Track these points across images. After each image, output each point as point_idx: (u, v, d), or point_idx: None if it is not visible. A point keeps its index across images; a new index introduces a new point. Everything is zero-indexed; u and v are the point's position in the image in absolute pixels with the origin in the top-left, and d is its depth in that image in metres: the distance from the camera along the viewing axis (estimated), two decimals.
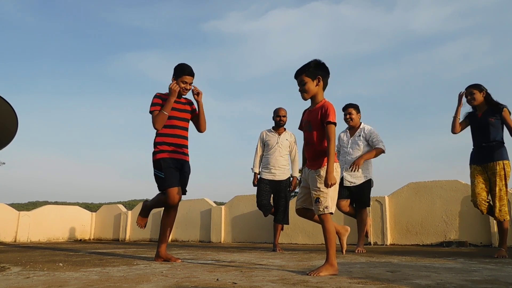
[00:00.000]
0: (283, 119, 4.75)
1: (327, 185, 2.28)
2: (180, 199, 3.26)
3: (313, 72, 2.44)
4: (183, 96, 3.41)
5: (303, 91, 2.47)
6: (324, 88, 2.51)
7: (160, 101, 3.27)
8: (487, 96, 3.62)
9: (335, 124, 2.37)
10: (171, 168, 3.23)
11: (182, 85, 3.28)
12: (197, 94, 3.35)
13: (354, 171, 4.10)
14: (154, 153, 3.29)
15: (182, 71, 3.29)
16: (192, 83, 3.34)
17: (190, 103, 3.45)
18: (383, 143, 4.21)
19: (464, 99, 3.73)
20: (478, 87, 3.65)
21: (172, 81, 3.30)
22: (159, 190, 3.33)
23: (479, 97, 3.62)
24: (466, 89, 3.70)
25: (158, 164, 3.26)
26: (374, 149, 4.19)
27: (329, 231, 2.31)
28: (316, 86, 2.45)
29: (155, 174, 3.31)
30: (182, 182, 3.35)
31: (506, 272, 2.29)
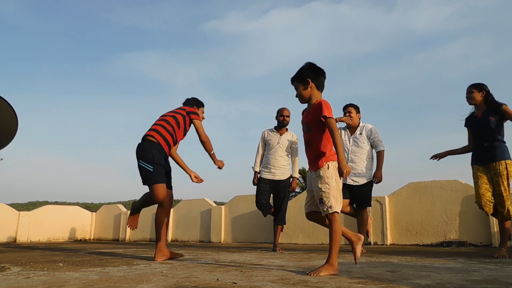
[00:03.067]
0: (286, 119, 4.74)
1: (342, 174, 2.29)
2: (165, 196, 3.26)
3: (302, 76, 2.49)
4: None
5: (297, 96, 2.55)
6: (320, 89, 2.51)
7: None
8: (487, 97, 3.56)
9: (332, 118, 2.36)
10: (160, 165, 3.24)
11: (202, 115, 3.74)
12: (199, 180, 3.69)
13: (377, 183, 4.23)
14: (149, 140, 3.26)
15: (202, 103, 3.77)
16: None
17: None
18: (383, 143, 4.26)
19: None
20: (478, 86, 3.60)
21: (194, 111, 3.54)
22: (145, 184, 3.28)
23: (477, 96, 3.58)
24: (467, 88, 3.66)
25: (149, 154, 3.21)
26: (380, 154, 4.25)
27: (335, 231, 2.31)
28: (306, 89, 2.48)
29: (141, 166, 3.23)
30: (168, 179, 3.39)
31: (506, 272, 2.29)
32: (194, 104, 3.69)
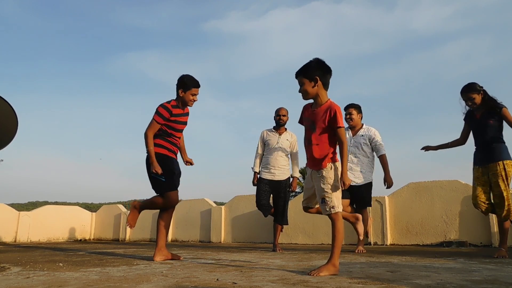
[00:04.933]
0: (283, 118, 4.74)
1: (344, 185, 2.33)
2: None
3: (311, 73, 2.40)
4: (187, 107, 3.50)
5: (301, 92, 2.46)
6: (326, 87, 2.45)
7: (167, 115, 3.31)
8: (485, 96, 3.51)
9: (343, 126, 2.40)
10: (171, 172, 3.32)
11: (191, 97, 3.38)
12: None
13: (388, 188, 4.21)
14: (160, 153, 3.31)
15: (192, 83, 3.37)
16: (198, 94, 3.43)
17: (188, 113, 3.54)
18: (384, 147, 4.29)
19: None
20: (475, 89, 3.51)
21: (180, 94, 3.36)
22: (158, 193, 3.36)
23: (478, 99, 3.51)
24: (462, 94, 3.58)
25: (166, 165, 3.29)
26: (383, 158, 4.25)
27: (338, 231, 2.32)
28: (313, 87, 2.41)
29: (154, 178, 3.30)
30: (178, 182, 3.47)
31: (506, 272, 2.29)
32: (180, 87, 3.38)
